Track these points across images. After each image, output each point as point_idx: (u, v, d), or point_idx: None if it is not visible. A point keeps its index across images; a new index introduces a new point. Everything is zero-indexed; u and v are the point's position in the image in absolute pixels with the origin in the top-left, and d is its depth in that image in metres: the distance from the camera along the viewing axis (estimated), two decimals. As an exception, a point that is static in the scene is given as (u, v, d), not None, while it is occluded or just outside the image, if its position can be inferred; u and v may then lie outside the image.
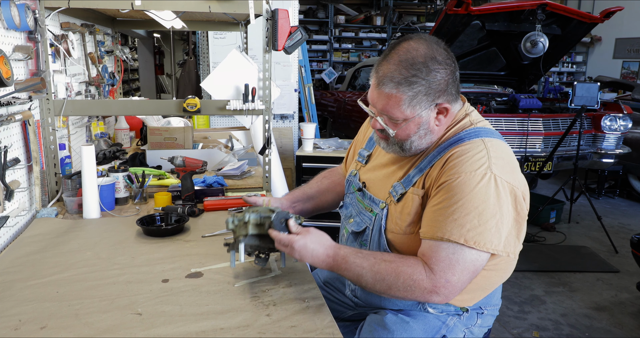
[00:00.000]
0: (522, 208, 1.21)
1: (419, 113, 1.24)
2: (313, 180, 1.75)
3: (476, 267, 1.18)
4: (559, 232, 4.52)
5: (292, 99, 4.53)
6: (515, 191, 1.20)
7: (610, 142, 4.68)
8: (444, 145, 1.28)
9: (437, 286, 1.17)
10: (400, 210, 1.30)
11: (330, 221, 3.53)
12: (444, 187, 1.20)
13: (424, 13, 11.12)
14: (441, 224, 1.17)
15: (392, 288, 1.20)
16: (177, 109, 2.11)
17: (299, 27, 2.12)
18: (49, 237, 1.70)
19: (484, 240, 1.15)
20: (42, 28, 1.93)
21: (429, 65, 1.20)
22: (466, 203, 1.16)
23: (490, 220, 1.16)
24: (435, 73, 1.20)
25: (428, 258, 1.19)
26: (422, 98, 1.22)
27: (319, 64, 10.66)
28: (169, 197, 2.04)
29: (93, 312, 1.21)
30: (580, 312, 3.09)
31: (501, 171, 1.18)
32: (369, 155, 1.53)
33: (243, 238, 1.33)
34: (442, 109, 1.26)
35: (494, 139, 1.26)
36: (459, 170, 1.19)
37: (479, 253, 1.17)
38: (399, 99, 1.22)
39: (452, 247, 1.16)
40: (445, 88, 1.23)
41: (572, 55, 10.85)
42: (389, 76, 1.21)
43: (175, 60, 7.02)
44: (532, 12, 4.34)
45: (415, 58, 1.20)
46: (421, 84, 1.20)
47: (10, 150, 1.72)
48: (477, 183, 1.16)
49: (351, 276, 1.25)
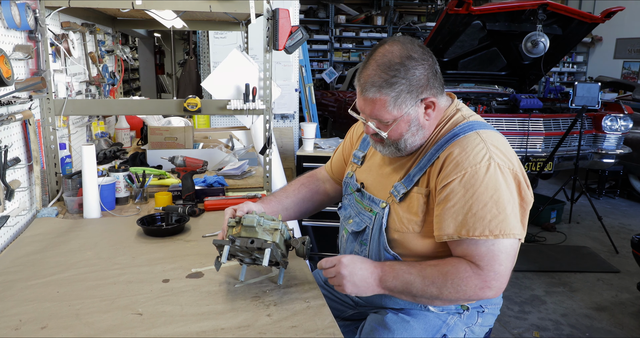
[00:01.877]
0: (525, 193, 1.24)
1: (406, 111, 1.27)
2: (291, 187, 1.68)
3: (515, 251, 1.21)
4: (560, 232, 4.51)
5: (292, 98, 4.52)
6: (518, 177, 1.23)
7: (611, 142, 4.68)
8: (441, 142, 1.29)
9: (488, 280, 1.18)
10: (406, 210, 1.31)
11: (330, 221, 3.54)
12: (452, 187, 1.21)
13: (424, 13, 11.11)
14: (461, 223, 1.19)
15: (442, 291, 1.21)
16: (178, 109, 2.11)
17: (299, 26, 2.12)
18: (50, 237, 1.70)
19: (508, 226, 1.17)
20: (43, 27, 1.92)
21: (406, 64, 1.23)
22: (480, 196, 1.18)
23: (508, 207, 1.18)
24: (413, 70, 1.24)
25: (470, 257, 1.20)
26: (405, 96, 1.25)
27: (319, 64, 10.65)
28: (169, 197, 2.04)
29: (94, 312, 1.21)
30: (580, 312, 3.09)
31: (502, 159, 1.21)
32: (363, 156, 1.54)
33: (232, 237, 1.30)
34: (428, 103, 1.29)
35: (487, 130, 1.29)
36: (463, 166, 1.20)
37: (510, 238, 1.19)
38: (384, 101, 1.25)
39: (488, 240, 1.18)
40: (427, 82, 1.26)
41: (573, 56, 10.85)
42: (369, 82, 1.25)
43: (176, 59, 7.02)
44: (533, 12, 4.33)
45: (392, 60, 1.24)
46: (402, 84, 1.23)
47: (11, 150, 1.72)
48: (485, 174, 1.19)
49: (399, 284, 1.24)
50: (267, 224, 1.31)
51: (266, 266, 1.35)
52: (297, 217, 1.69)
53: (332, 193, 1.73)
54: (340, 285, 1.26)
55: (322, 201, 1.71)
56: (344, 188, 1.57)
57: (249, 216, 1.30)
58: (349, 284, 1.24)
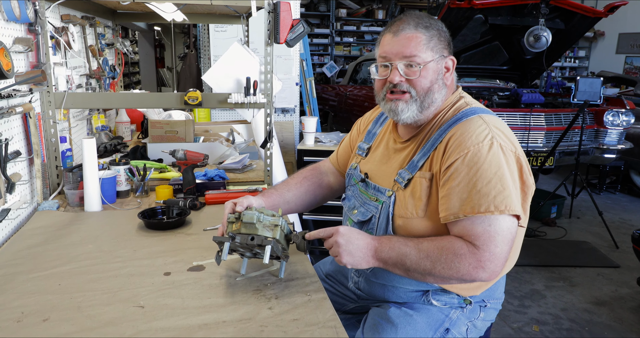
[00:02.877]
0: (527, 177, 1.25)
1: (436, 58, 1.31)
2: (294, 179, 1.66)
3: (512, 235, 1.20)
4: (560, 227, 4.51)
5: (293, 92, 4.51)
6: (520, 160, 1.24)
7: (613, 137, 4.67)
8: (444, 127, 1.30)
9: (482, 260, 1.16)
10: (410, 195, 1.31)
11: (331, 215, 3.54)
12: (456, 166, 1.21)
13: (426, 7, 11.05)
14: (466, 201, 1.19)
15: (435, 265, 1.19)
16: (179, 102, 2.11)
17: (301, 20, 2.11)
18: (51, 230, 1.70)
19: (511, 203, 1.17)
20: (43, 20, 1.91)
21: (434, 20, 1.33)
22: (484, 173, 1.18)
23: (511, 184, 1.19)
24: (441, 25, 1.33)
25: (467, 237, 1.19)
26: (436, 42, 1.31)
27: (320, 58, 10.61)
28: (170, 190, 2.04)
29: (95, 304, 1.21)
30: (580, 307, 3.10)
31: (504, 141, 1.23)
32: (368, 148, 1.54)
33: (232, 234, 1.30)
34: (448, 62, 1.35)
35: (490, 115, 1.31)
36: (466, 145, 1.22)
37: (511, 219, 1.19)
38: (419, 39, 1.29)
39: (486, 219, 1.17)
40: (449, 43, 1.35)
41: (575, 50, 10.81)
42: (406, 23, 1.30)
43: (176, 53, 7.00)
44: (536, 6, 4.31)
45: (422, 15, 1.33)
46: (435, 29, 1.31)
47: (11, 143, 1.71)
48: (487, 152, 1.20)
49: (394, 256, 1.22)
50: (266, 220, 1.30)
51: (267, 262, 1.34)
52: (299, 211, 1.68)
53: (336, 186, 1.72)
54: (337, 254, 1.25)
55: (325, 195, 1.70)
56: (347, 180, 1.57)
57: (249, 213, 1.29)
58: (345, 253, 1.23)
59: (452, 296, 1.38)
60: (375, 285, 1.45)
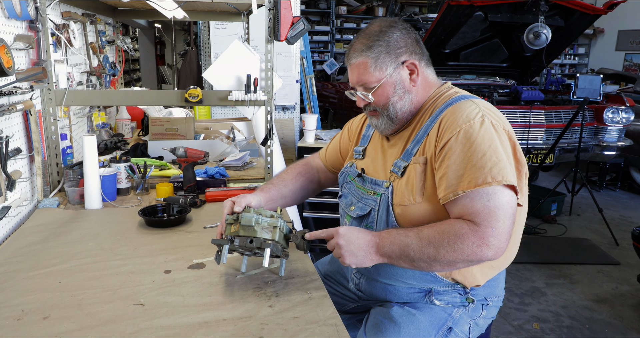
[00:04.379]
0: (521, 155, 1.27)
1: (389, 72, 1.34)
2: (288, 175, 1.69)
3: (513, 209, 1.19)
4: (560, 224, 4.52)
5: (293, 90, 4.51)
6: (512, 138, 1.27)
7: (612, 134, 4.67)
8: (436, 113, 1.33)
9: (485, 237, 1.15)
10: (406, 182, 1.31)
11: (331, 212, 3.54)
12: (450, 145, 1.23)
13: (426, 4, 11.03)
14: (463, 177, 1.19)
15: (439, 250, 1.17)
16: (179, 100, 2.11)
17: (301, 17, 2.11)
18: (51, 228, 1.70)
19: (507, 173, 1.18)
20: (43, 17, 1.91)
21: (384, 30, 1.35)
22: (477, 147, 1.20)
23: (504, 157, 1.20)
24: (390, 34, 1.34)
25: (467, 215, 1.18)
26: (384, 57, 1.33)
27: (320, 55, 10.60)
28: (170, 188, 2.04)
29: (96, 302, 1.21)
30: (580, 304, 3.10)
31: (495, 119, 1.26)
32: (364, 149, 1.55)
33: (230, 237, 1.29)
34: (410, 66, 1.35)
35: (480, 99, 1.34)
36: (457, 124, 1.24)
37: (510, 193, 1.19)
38: (365, 63, 1.34)
39: (484, 194, 1.17)
40: (405, 46, 1.35)
41: (575, 47, 10.79)
42: (353, 49, 1.37)
43: (177, 50, 6.98)
44: (535, 3, 4.31)
45: (372, 30, 1.36)
46: (380, 45, 1.33)
47: (12, 140, 1.71)
48: (479, 128, 1.22)
49: (397, 249, 1.22)
50: (265, 222, 1.29)
51: (266, 266, 1.33)
52: (293, 204, 1.73)
53: (323, 181, 1.77)
54: (339, 256, 1.25)
55: (315, 189, 1.76)
56: (343, 178, 1.57)
57: (247, 215, 1.29)
58: (347, 254, 1.23)
59: (455, 295, 1.38)
60: (376, 286, 1.45)
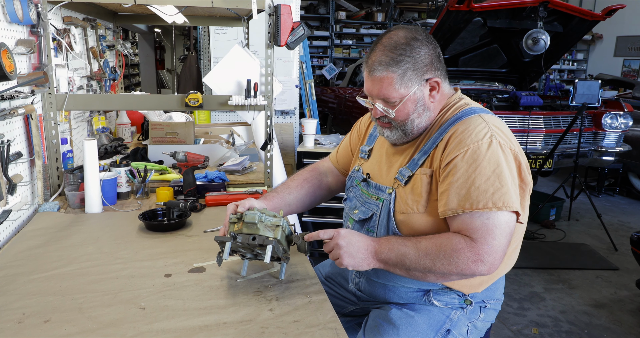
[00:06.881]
0: (525, 175, 1.28)
1: (413, 90, 1.31)
2: (294, 182, 1.67)
3: (510, 229, 1.21)
4: (559, 229, 4.52)
5: (293, 94, 4.52)
6: (518, 158, 1.27)
7: (611, 139, 4.68)
8: (445, 126, 1.33)
9: (481, 253, 1.18)
10: (411, 191, 1.33)
11: (331, 217, 3.54)
12: (455, 163, 1.23)
13: (425, 10, 11.08)
14: (464, 197, 1.20)
15: (435, 262, 1.21)
16: (179, 104, 2.11)
17: (301, 22, 2.12)
18: (52, 231, 1.70)
19: (510, 199, 1.19)
20: (45, 22, 1.92)
21: (412, 44, 1.29)
22: (482, 170, 1.21)
23: (509, 181, 1.21)
24: (418, 50, 1.30)
25: (465, 231, 1.21)
26: (411, 74, 1.29)
27: (319, 60, 10.62)
28: (170, 192, 2.04)
29: (96, 305, 1.21)
30: (579, 309, 3.10)
31: (503, 139, 1.26)
32: (370, 150, 1.56)
33: (233, 233, 1.30)
34: (433, 84, 1.33)
35: (489, 114, 1.34)
36: (465, 143, 1.24)
37: (510, 214, 1.21)
38: (391, 79, 1.29)
39: (484, 214, 1.19)
40: (431, 63, 1.32)
41: (573, 53, 10.83)
42: (377, 61, 1.30)
43: (176, 55, 7.00)
44: (534, 9, 4.33)
45: (398, 41, 1.30)
46: (407, 61, 1.28)
47: (13, 144, 1.72)
48: (487, 149, 1.22)
49: (394, 257, 1.25)
50: (268, 220, 1.31)
51: (268, 262, 1.35)
52: (299, 212, 1.71)
53: (334, 186, 1.74)
54: (337, 257, 1.26)
55: (323, 195, 1.72)
56: (349, 182, 1.58)
57: (250, 213, 1.30)
58: (346, 255, 1.25)
59: (453, 296, 1.39)
60: (376, 286, 1.46)
